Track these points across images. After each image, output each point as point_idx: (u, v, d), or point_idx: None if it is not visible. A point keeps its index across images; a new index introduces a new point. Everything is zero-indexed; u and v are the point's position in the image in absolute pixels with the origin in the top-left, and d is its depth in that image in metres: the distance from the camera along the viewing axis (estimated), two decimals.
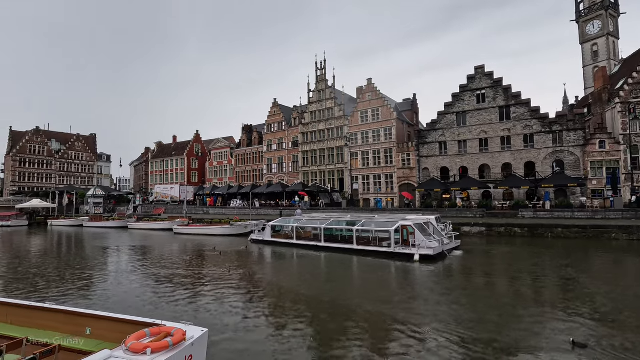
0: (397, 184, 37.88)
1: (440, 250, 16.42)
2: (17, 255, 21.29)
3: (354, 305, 9.70)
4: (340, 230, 20.47)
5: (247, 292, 11.33)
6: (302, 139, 45.58)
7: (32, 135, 66.31)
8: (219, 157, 57.66)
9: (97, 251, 22.14)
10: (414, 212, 28.12)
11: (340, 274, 14.46)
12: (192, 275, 14.08)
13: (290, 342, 7.21)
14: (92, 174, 74.58)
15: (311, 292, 11.38)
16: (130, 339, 4.32)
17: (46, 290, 11.96)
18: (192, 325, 4.94)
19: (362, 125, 40.64)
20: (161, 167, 65.52)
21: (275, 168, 48.99)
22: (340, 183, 42.18)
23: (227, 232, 28.21)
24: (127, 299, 10.78)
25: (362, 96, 41.11)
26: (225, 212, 40.34)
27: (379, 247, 17.82)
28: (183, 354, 4.31)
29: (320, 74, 44.29)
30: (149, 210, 47.91)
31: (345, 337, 7.41)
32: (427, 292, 11.11)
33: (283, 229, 22.98)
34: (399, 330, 7.69)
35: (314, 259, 17.73)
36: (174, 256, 19.28)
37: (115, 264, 17.58)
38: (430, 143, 36.34)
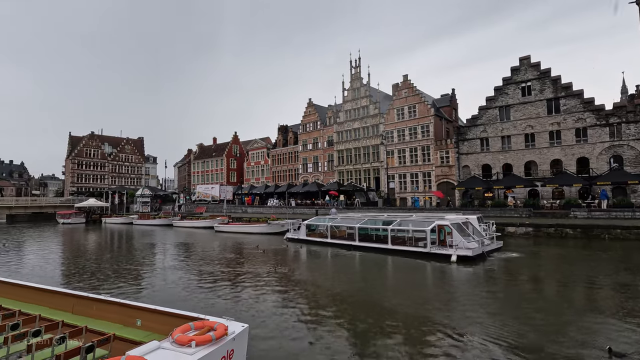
0: (435, 182, 36.74)
1: (479, 252, 15.74)
2: (77, 250, 23.26)
3: (390, 305, 9.57)
4: (374, 229, 20.22)
5: (285, 290, 11.54)
6: (337, 137, 45.56)
7: (88, 139, 72.02)
8: (256, 157, 59.14)
9: (145, 247, 23.59)
10: (453, 211, 27.13)
11: (375, 274, 14.30)
12: (234, 272, 14.57)
13: (327, 341, 7.24)
14: (140, 175, 79.61)
15: (347, 291, 11.35)
16: (176, 332, 4.55)
17: (102, 283, 12.94)
18: (234, 320, 5.12)
19: (398, 123, 39.85)
20: (202, 168, 68.40)
21: (311, 167, 49.39)
22: (376, 182, 41.68)
23: (265, 230, 28.89)
24: (172, 293, 11.38)
25: (398, 93, 40.30)
26: (263, 211, 41.33)
27: (414, 247, 17.43)
28: (225, 348, 4.48)
29: (355, 72, 44.00)
30: (192, 209, 50.21)
31: (382, 338, 7.32)
32: (466, 295, 10.67)
33: (318, 228, 23.17)
34: (439, 333, 7.47)
35: (349, 258, 17.68)
36: (217, 253, 20.06)
37: (162, 260, 18.62)
38: (470, 139, 34.85)
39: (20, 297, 7.50)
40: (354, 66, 44.04)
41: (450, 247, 15.89)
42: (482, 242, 16.54)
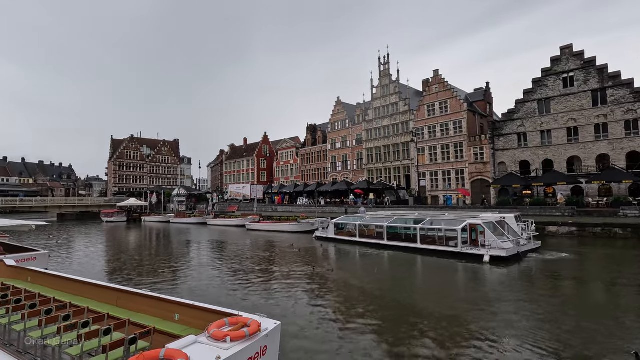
0: (469, 180, 35.50)
1: (514, 252, 15.05)
2: (119, 247, 24.66)
3: (421, 306, 9.37)
4: (404, 228, 19.89)
5: (316, 288, 11.60)
6: (366, 136, 45.16)
7: (128, 142, 76.12)
8: (286, 156, 59.88)
9: (181, 245, 24.57)
10: (489, 209, 26.07)
11: (405, 274, 14.09)
12: (267, 270, 14.86)
13: (358, 340, 7.20)
14: (176, 175, 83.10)
15: (377, 290, 11.23)
16: (212, 327, 4.70)
17: (143, 279, 13.63)
18: (266, 317, 5.21)
19: (429, 119, 38.87)
20: (234, 168, 70.23)
21: (340, 166, 49.31)
22: (406, 180, 40.92)
23: (295, 229, 29.22)
24: (207, 289, 11.78)
25: (429, 89, 39.28)
26: (292, 209, 41.80)
27: (444, 247, 16.97)
28: (258, 344, 4.57)
29: (384, 69, 43.38)
30: (224, 208, 51.70)
31: (414, 340, 7.19)
32: (501, 297, 10.22)
33: (346, 227, 23.13)
34: (473, 336, 7.22)
35: (378, 257, 17.53)
36: (250, 251, 20.53)
37: (197, 257, 19.32)
38: (506, 135, 33.33)
39: (71, 290, 8.06)
40: (383, 63, 43.45)
41: (483, 247, 15.35)
42: (518, 242, 15.81)
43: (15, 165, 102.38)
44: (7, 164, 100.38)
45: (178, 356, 3.85)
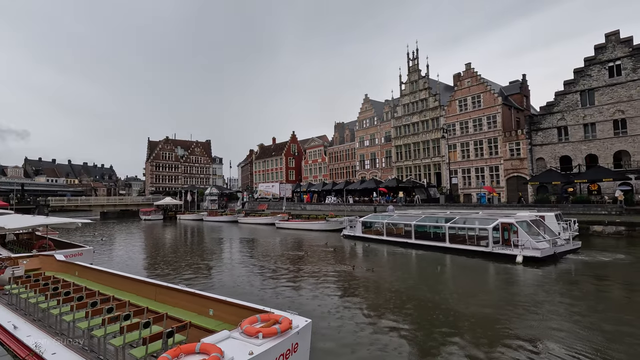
0: (504, 176, 34.02)
1: (550, 252, 14.29)
2: (157, 244, 25.82)
3: (454, 306, 9.08)
4: (432, 227, 19.45)
5: (348, 287, 11.58)
6: (395, 133, 44.42)
7: (163, 144, 79.49)
8: (314, 155, 60.14)
9: (214, 242, 25.35)
10: (526, 208, 24.86)
11: (434, 273, 13.74)
12: (299, 269, 15.00)
13: (389, 340, 7.11)
14: (208, 175, 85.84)
15: (408, 290, 11.03)
16: (244, 323, 4.81)
17: (178, 274, 14.18)
18: (297, 315, 5.25)
19: (460, 115, 37.61)
20: (263, 167, 71.47)
21: (368, 164, 48.87)
22: (437, 177, 39.87)
23: (324, 227, 29.31)
24: (240, 285, 12.07)
25: (460, 83, 37.98)
26: (321, 208, 41.95)
27: (475, 246, 16.43)
28: (290, 341, 4.62)
29: (413, 65, 42.44)
30: (254, 206, 52.77)
31: (448, 341, 6.98)
32: (536, 299, 9.71)
33: (374, 225, 22.98)
34: (508, 340, 6.91)
35: (406, 256, 17.28)
36: (280, 249, 20.83)
37: (229, 254, 19.85)
38: (545, 129, 31.61)
39: (114, 284, 8.54)
40: (412, 58, 42.51)
41: (516, 247, 14.74)
42: (555, 242, 14.98)
43: (63, 167, 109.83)
44: (56, 165, 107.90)
45: (213, 350, 3.96)
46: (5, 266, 9.75)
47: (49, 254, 11.45)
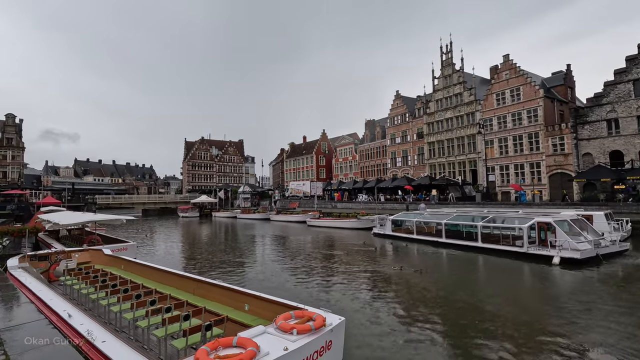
0: (547, 173, 32.14)
1: (592, 254, 13.41)
2: (194, 240, 26.89)
3: (489, 308, 8.73)
4: (465, 225, 18.89)
5: (379, 286, 11.47)
6: (428, 129, 43.27)
7: (199, 144, 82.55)
8: (344, 153, 59.94)
9: (247, 239, 25.99)
10: (572, 206, 23.35)
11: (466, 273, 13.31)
12: (330, 267, 15.06)
13: (424, 341, 6.96)
14: (241, 174, 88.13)
15: (441, 290, 10.73)
16: (279, 319, 4.89)
17: (214, 269, 14.68)
18: (331, 312, 5.27)
19: (498, 109, 35.94)
20: (294, 166, 72.26)
21: (400, 161, 47.99)
22: (472, 175, 38.40)
23: (355, 225, 29.17)
24: (272, 281, 12.30)
25: (497, 76, 36.28)
26: (352, 206, 41.76)
27: (508, 246, 15.76)
28: (324, 338, 4.64)
29: (446, 59, 41.08)
30: (286, 204, 53.49)
31: (484, 342, 6.72)
32: (576, 303, 9.15)
33: (404, 224, 22.63)
34: (550, 343, 6.53)
35: (437, 255, 16.89)
36: (313, 247, 21.00)
37: (262, 251, 20.27)
38: (593, 122, 29.48)
39: (156, 278, 8.99)
40: (445, 52, 41.15)
41: (553, 248, 13.96)
42: (598, 243, 14.01)
43: (108, 167, 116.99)
44: (102, 166, 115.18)
45: (249, 345, 4.06)
46: (60, 259, 10.55)
47: (98, 249, 12.26)
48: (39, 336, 4.23)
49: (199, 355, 3.82)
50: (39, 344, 3.96)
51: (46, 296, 6.78)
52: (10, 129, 55.19)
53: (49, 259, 10.96)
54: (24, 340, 4.11)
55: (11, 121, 55.67)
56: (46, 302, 6.42)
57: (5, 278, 7.71)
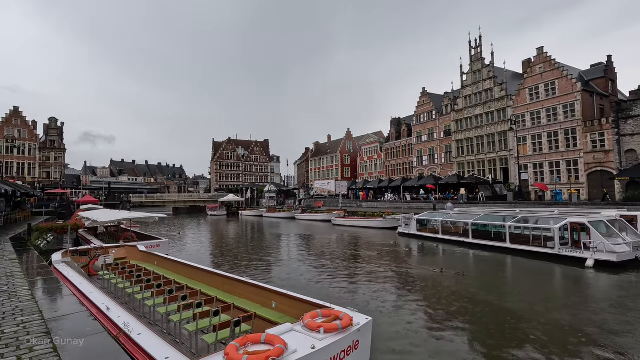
0: (585, 171, 30.42)
1: (630, 257, 12.70)
2: (222, 238, 27.57)
3: (520, 310, 8.39)
4: (492, 225, 18.32)
5: (406, 286, 11.30)
6: (456, 127, 42.09)
7: (226, 144, 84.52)
8: (369, 152, 59.44)
9: (273, 237, 26.33)
10: (613, 206, 21.99)
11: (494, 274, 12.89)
12: (363, 267, 15.00)
13: (453, 344, 6.78)
14: (266, 173, 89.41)
15: (468, 291, 10.42)
16: (306, 317, 4.91)
17: (242, 267, 14.99)
18: (357, 312, 5.24)
19: (531, 104, 34.39)
20: (318, 165, 72.45)
21: (426, 160, 47.00)
22: (503, 173, 36.98)
23: (381, 225, 28.86)
24: (298, 280, 12.40)
25: (531, 70, 34.70)
26: (377, 205, 41.34)
27: (538, 248, 15.14)
28: (351, 338, 4.62)
29: (475, 53, 39.75)
30: (311, 203, 53.73)
31: (517, 346, 6.46)
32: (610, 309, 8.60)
33: (430, 223, 22.24)
34: (589, 348, 6.17)
35: (468, 256, 16.44)
36: (339, 246, 20.99)
37: (287, 250, 20.46)
38: (637, 117, 27.59)
39: (187, 274, 9.29)
40: (474, 46, 39.83)
41: (587, 250, 13.23)
42: (638, 245, 13.13)
43: (141, 167, 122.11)
44: (135, 166, 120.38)
45: (277, 342, 4.11)
46: (99, 255, 11.13)
47: (133, 245, 12.82)
48: (82, 327, 4.48)
49: (228, 350, 3.90)
50: (81, 335, 4.20)
51: (87, 289, 7.16)
52: (53, 132, 58.79)
53: (89, 254, 11.59)
54: (68, 330, 4.37)
55: (54, 124, 59.29)
56: (87, 295, 6.78)
57: (50, 272, 8.22)
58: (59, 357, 3.60)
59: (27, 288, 6.45)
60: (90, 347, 3.86)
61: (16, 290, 6.24)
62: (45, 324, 4.56)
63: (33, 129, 55.26)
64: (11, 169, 52.18)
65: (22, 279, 7.23)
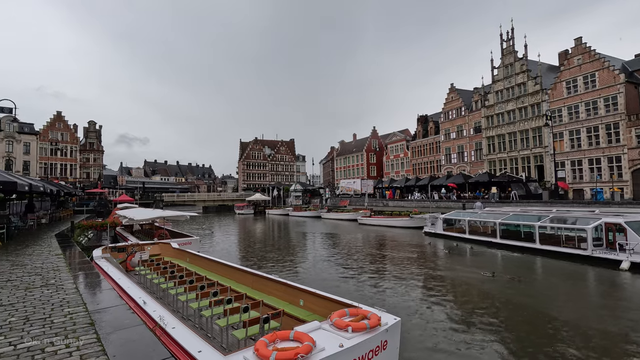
0: (629, 168, 28.50)
1: None
2: (250, 236, 28.14)
3: (554, 314, 7.99)
4: (521, 225, 17.69)
5: (435, 288, 11.09)
6: (486, 123, 40.64)
7: (253, 144, 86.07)
8: (395, 150, 58.61)
9: (299, 236, 26.56)
10: None
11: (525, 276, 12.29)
12: (382, 267, 14.89)
13: (482, 347, 6.58)
14: (292, 172, 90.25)
15: (499, 293, 10.07)
16: (334, 315, 4.92)
17: (269, 264, 15.25)
18: (385, 312, 5.19)
19: (568, 98, 32.62)
20: (344, 164, 72.27)
21: (455, 158, 45.72)
22: (538, 171, 35.34)
23: (408, 224, 28.42)
24: (325, 278, 12.45)
25: (568, 62, 32.90)
26: (404, 204, 40.70)
27: (570, 249, 14.55)
28: (379, 338, 4.59)
29: (507, 46, 38.19)
30: (336, 202, 53.71)
31: (554, 349, 6.18)
32: None
33: (457, 223, 21.71)
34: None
35: (490, 256, 16.04)
36: (364, 245, 20.90)
37: (313, 248, 20.58)
38: None
39: (217, 271, 9.57)
40: (506, 39, 38.27)
41: (622, 251, 12.51)
42: None
43: (172, 167, 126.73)
44: (167, 166, 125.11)
45: (305, 339, 4.15)
46: (135, 251, 11.67)
47: (166, 242, 13.34)
48: (121, 319, 4.74)
49: (258, 346, 3.99)
50: (121, 326, 4.44)
51: (124, 284, 7.54)
52: (92, 135, 62.18)
53: (126, 250, 12.18)
54: (109, 322, 4.64)
55: (92, 127, 62.71)
56: (125, 289, 7.14)
57: (92, 266, 8.73)
58: (102, 346, 3.83)
59: (72, 281, 6.89)
60: (129, 338, 4.08)
61: (62, 284, 6.68)
62: (89, 315, 4.86)
63: (74, 132, 58.74)
64: (55, 170, 55.73)
65: (67, 273, 7.72)
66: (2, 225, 13.06)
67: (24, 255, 9.95)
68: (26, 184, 12.71)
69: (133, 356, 3.59)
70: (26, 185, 12.67)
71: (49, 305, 5.34)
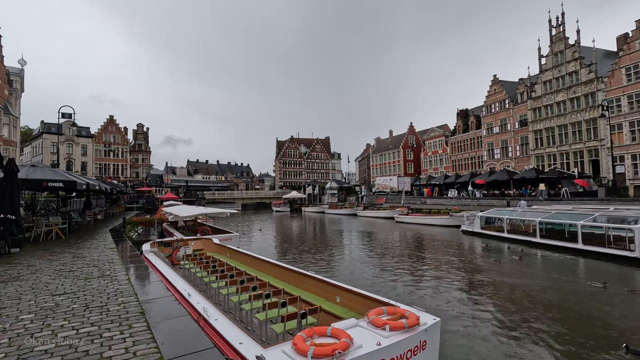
0: None
1: None
2: (287, 233, 28.64)
3: (603, 318, 7.33)
4: (562, 224, 16.83)
5: (475, 289, 10.66)
6: (533, 115, 38.20)
7: (289, 143, 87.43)
8: (433, 146, 56.84)
9: (336, 234, 26.61)
10: None
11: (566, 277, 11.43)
12: (431, 267, 14.55)
13: (527, 353, 6.23)
14: (328, 170, 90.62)
15: (542, 295, 9.43)
16: (371, 313, 4.88)
17: (305, 261, 15.42)
18: (424, 311, 5.07)
19: (628, 86, 29.80)
20: (380, 161, 71.27)
21: (498, 153, 43.47)
22: (593, 166, 32.67)
23: (447, 222, 27.51)
24: (362, 276, 12.38)
25: (628, 46, 30.02)
26: (443, 202, 39.41)
27: (615, 250, 13.59)
28: (418, 338, 4.49)
29: (557, 33, 35.58)
30: (372, 200, 53.13)
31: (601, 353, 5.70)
32: None
33: (495, 221, 20.76)
34: None
35: (529, 256, 15.20)
36: (402, 243, 20.55)
37: (349, 246, 20.53)
38: None
39: (256, 266, 9.85)
40: (555, 25, 35.67)
41: None
42: None
43: (213, 166, 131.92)
44: (208, 165, 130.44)
45: (342, 336, 4.15)
46: (180, 246, 12.31)
47: (209, 238, 13.94)
48: (169, 309, 5.03)
49: (296, 340, 4.05)
50: (169, 316, 4.72)
51: (171, 277, 7.98)
52: (140, 137, 66.31)
53: (172, 245, 12.88)
54: (158, 311, 4.94)
55: (140, 130, 66.86)
56: (171, 282, 7.56)
57: (141, 260, 9.32)
58: (152, 334, 4.09)
59: (124, 273, 7.41)
60: (176, 328, 4.32)
61: (116, 275, 7.21)
62: (140, 305, 5.20)
63: (124, 135, 62.99)
64: (108, 170, 60.17)
65: (120, 265, 8.32)
66: (64, 221, 14.30)
67: (83, 248, 10.85)
68: (84, 183, 13.82)
69: (179, 344, 3.79)
70: (84, 184, 13.78)
71: (105, 294, 5.78)
